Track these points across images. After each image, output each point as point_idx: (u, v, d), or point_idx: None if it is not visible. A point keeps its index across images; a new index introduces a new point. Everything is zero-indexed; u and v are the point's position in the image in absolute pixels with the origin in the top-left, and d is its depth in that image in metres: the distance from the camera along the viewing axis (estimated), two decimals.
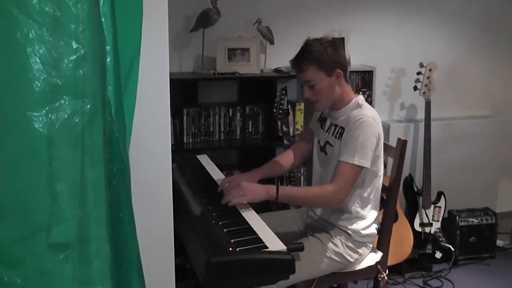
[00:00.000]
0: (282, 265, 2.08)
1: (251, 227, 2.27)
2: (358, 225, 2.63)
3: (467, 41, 4.52)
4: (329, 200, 2.53)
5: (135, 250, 1.52)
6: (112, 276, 1.40)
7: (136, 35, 1.60)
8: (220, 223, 2.28)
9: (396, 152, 2.74)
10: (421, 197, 4.00)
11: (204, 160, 3.24)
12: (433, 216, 4.03)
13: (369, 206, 2.64)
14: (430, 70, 4.02)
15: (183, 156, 3.30)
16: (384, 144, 2.85)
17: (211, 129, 3.78)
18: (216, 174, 2.97)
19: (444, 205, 4.07)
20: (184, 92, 3.74)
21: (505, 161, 4.64)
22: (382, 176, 2.67)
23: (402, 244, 3.79)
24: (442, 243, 4.01)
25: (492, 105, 4.68)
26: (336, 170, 2.52)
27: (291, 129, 3.81)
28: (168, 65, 1.85)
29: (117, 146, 1.46)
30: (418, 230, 3.98)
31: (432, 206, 4.03)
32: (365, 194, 2.61)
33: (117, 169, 1.45)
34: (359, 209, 2.63)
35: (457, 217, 4.13)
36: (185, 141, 3.69)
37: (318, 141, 2.77)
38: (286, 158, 2.97)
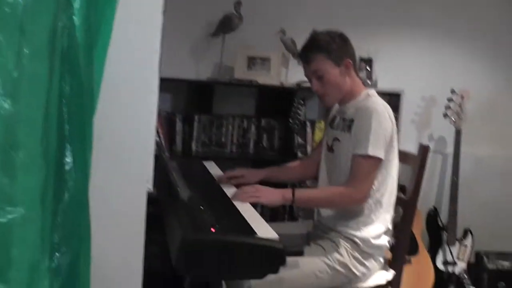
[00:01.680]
0: (271, 255, 1.79)
1: (242, 215, 2.01)
2: (367, 233, 2.33)
3: (506, 72, 4.24)
4: (351, 198, 2.29)
5: None
6: None
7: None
8: (209, 210, 2.03)
9: (417, 159, 2.46)
10: (445, 233, 3.67)
11: (210, 165, 3.01)
12: (458, 254, 3.68)
13: (381, 210, 2.36)
14: (462, 97, 3.76)
15: (187, 160, 3.09)
16: (404, 152, 2.60)
17: (223, 140, 3.56)
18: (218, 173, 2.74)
19: (471, 244, 3.73)
20: (199, 98, 3.55)
21: None
22: (396, 178, 2.40)
23: (421, 280, 3.45)
24: (467, 286, 3.65)
25: None
26: (352, 167, 2.29)
27: (308, 147, 3.57)
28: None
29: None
30: (441, 269, 3.64)
31: (458, 243, 3.69)
32: (376, 193, 2.34)
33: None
34: (370, 212, 2.35)
35: (485, 259, 3.77)
36: (193, 149, 3.48)
37: (327, 142, 2.54)
38: (295, 165, 2.77)
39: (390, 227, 2.43)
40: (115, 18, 1.40)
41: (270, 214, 3.44)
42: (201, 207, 2.06)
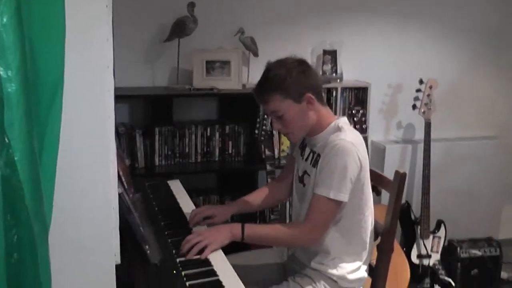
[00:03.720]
0: None
1: (219, 281, 1.89)
2: (343, 269, 2.24)
3: (470, 56, 4.18)
4: (303, 239, 2.19)
5: None
6: None
7: (58, 56, 1.22)
8: (183, 273, 1.91)
9: (394, 186, 2.34)
10: (419, 227, 3.63)
11: (176, 187, 2.87)
12: (432, 247, 3.66)
13: (354, 246, 2.27)
14: (430, 87, 3.66)
15: (152, 184, 2.92)
16: (380, 175, 2.48)
17: (187, 150, 3.40)
18: (187, 206, 2.60)
19: (444, 235, 3.71)
20: (157, 109, 3.34)
21: (510, 185, 4.28)
22: (371, 212, 2.29)
23: (397, 278, 3.42)
24: (441, 277, 3.65)
25: (497, 125, 4.32)
26: (311, 205, 2.16)
27: (276, 152, 3.44)
28: (113, 80, 1.46)
29: (22, 209, 1.08)
30: (416, 263, 3.62)
31: (431, 236, 3.67)
32: (347, 233, 2.24)
33: (18, 239, 1.07)
34: (341, 250, 2.24)
35: (458, 248, 3.76)
36: (156, 164, 3.31)
37: (298, 170, 2.39)
38: (269, 190, 2.60)
39: (368, 259, 2.35)
40: None
41: None
42: (174, 271, 1.94)
